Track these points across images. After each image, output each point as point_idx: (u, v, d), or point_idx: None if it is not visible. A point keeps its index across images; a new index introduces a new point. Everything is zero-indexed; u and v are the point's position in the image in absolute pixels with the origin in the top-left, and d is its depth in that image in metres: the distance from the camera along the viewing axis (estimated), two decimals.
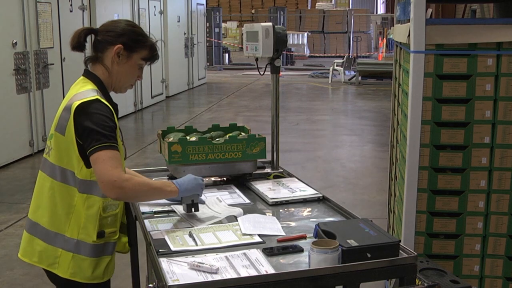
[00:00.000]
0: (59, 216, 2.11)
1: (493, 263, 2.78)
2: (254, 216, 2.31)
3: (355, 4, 31.54)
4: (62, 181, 2.10)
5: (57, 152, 2.10)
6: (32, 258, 2.18)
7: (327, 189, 5.82)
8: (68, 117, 2.04)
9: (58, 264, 2.12)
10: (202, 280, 1.75)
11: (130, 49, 2.16)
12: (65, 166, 2.09)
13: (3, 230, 4.90)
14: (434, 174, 2.73)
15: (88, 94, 2.06)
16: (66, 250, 2.11)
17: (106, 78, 2.18)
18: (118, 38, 2.14)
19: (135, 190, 2.01)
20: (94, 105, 2.02)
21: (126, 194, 1.99)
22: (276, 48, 2.87)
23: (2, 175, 6.58)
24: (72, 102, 2.04)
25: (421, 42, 2.60)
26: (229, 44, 23.20)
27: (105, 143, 1.97)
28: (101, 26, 2.20)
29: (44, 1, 7.57)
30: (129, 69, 2.19)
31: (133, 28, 2.20)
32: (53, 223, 2.12)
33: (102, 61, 2.16)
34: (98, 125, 1.98)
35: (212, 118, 10.25)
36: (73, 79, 2.25)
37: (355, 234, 1.94)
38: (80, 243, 2.11)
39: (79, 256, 2.11)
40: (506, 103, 2.64)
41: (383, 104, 11.78)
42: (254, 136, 2.77)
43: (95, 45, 2.18)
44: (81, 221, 2.10)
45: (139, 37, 2.19)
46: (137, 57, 2.18)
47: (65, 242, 2.11)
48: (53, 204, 2.12)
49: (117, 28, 2.16)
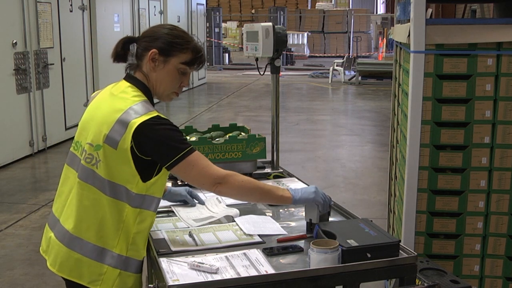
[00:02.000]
0: (108, 231, 1.97)
1: (493, 263, 2.77)
2: (251, 217, 2.31)
3: (355, 4, 31.54)
4: (112, 196, 1.96)
5: (106, 165, 1.95)
6: (71, 273, 2.02)
7: (327, 189, 5.82)
8: (123, 132, 1.91)
9: (102, 281, 1.98)
10: (202, 280, 1.75)
11: (166, 53, 2.02)
12: (117, 181, 1.95)
13: (3, 230, 4.90)
14: (434, 174, 2.73)
15: (146, 110, 1.95)
16: (113, 266, 1.98)
17: (147, 85, 2.07)
18: (153, 42, 2.02)
19: (241, 186, 1.99)
20: (156, 122, 1.93)
21: (231, 188, 1.98)
22: (276, 48, 2.87)
23: (2, 175, 6.58)
24: (131, 119, 1.91)
25: (421, 42, 2.60)
26: (229, 44, 23.20)
27: (184, 150, 1.91)
28: (143, 33, 2.10)
29: (44, 1, 7.57)
30: (167, 75, 2.05)
31: (170, 31, 2.05)
32: (100, 238, 1.98)
33: (141, 68, 2.06)
34: (170, 138, 1.92)
35: (212, 118, 10.25)
36: (73, 79, 2.22)
37: (355, 234, 1.95)
38: (129, 259, 2.00)
39: (126, 273, 2.00)
40: (506, 103, 2.64)
41: (383, 104, 11.78)
42: (254, 136, 2.77)
43: (136, 53, 2.07)
44: (130, 237, 1.98)
45: (176, 39, 2.03)
46: (175, 62, 2.03)
47: (112, 258, 1.98)
48: (101, 219, 1.97)
49: (155, 33, 2.05)
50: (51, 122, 7.76)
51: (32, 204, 5.53)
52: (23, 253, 4.40)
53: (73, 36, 8.38)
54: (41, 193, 5.89)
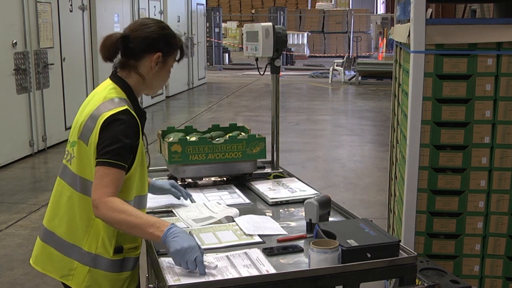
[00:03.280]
0: (78, 228, 2.02)
1: (493, 263, 2.78)
2: (250, 216, 2.31)
3: (355, 4, 31.54)
4: (82, 192, 2.00)
5: (79, 161, 2.00)
6: (44, 267, 2.10)
7: (327, 189, 5.82)
8: (93, 127, 1.95)
9: (72, 276, 2.03)
10: (202, 280, 1.75)
11: (167, 55, 2.08)
12: (87, 177, 1.98)
13: (3, 230, 4.90)
14: (434, 174, 2.73)
15: (118, 105, 1.97)
16: (82, 263, 2.02)
17: (139, 85, 2.08)
18: (154, 45, 2.04)
19: (109, 216, 1.86)
20: (120, 117, 1.93)
21: (100, 215, 1.88)
22: (276, 48, 2.87)
23: (2, 175, 6.58)
24: (100, 113, 1.95)
25: (421, 42, 2.60)
26: (229, 44, 23.20)
27: (110, 159, 1.89)
28: (131, 31, 2.05)
29: (44, 1, 7.57)
30: (165, 73, 2.12)
31: (165, 30, 2.08)
32: (71, 234, 2.03)
33: (136, 68, 2.05)
34: (115, 138, 1.90)
35: (212, 118, 10.25)
36: (73, 79, 2.23)
37: (355, 234, 1.95)
38: (98, 257, 2.01)
39: (96, 270, 2.02)
40: (506, 103, 2.64)
41: (383, 104, 11.78)
42: (254, 136, 2.77)
43: (127, 51, 2.03)
44: (99, 235, 2.00)
45: (173, 39, 2.09)
46: (171, 60, 2.12)
47: (82, 255, 2.02)
48: (71, 215, 2.03)
49: (151, 34, 2.03)
50: (51, 122, 7.76)
51: (32, 204, 5.53)
52: (23, 253, 4.40)
53: (73, 36, 8.37)
54: (41, 193, 5.89)
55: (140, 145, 2.03)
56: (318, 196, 2.27)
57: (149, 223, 1.86)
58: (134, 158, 1.98)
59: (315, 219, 2.14)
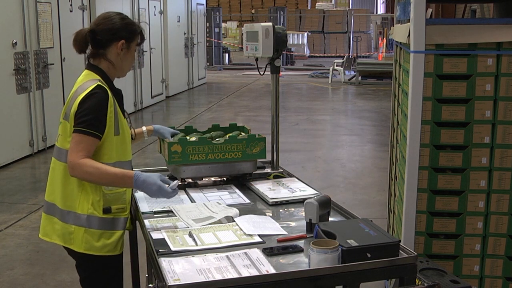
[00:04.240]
0: (70, 194, 2.30)
1: (493, 263, 2.78)
2: (250, 217, 2.32)
3: (355, 4, 31.54)
4: (65, 161, 2.25)
5: (63, 137, 2.32)
6: (52, 236, 2.37)
7: (327, 189, 5.82)
8: (72, 105, 2.27)
9: (73, 239, 2.30)
10: (202, 280, 1.75)
11: (129, 41, 2.39)
12: (68, 147, 2.24)
13: (3, 230, 4.90)
14: (434, 174, 2.73)
15: (91, 83, 2.28)
16: (78, 225, 2.29)
17: (110, 70, 2.40)
18: (118, 34, 2.35)
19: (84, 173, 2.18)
20: (94, 92, 2.24)
21: (76, 174, 2.20)
22: (276, 48, 2.87)
23: (2, 175, 6.58)
24: (78, 94, 2.26)
25: (421, 42, 2.60)
26: (229, 44, 23.20)
27: (85, 128, 2.19)
28: (96, 25, 2.37)
29: (44, 1, 7.57)
30: (130, 56, 2.43)
31: (125, 20, 2.40)
32: (66, 202, 2.31)
33: (105, 56, 2.37)
34: (90, 110, 2.21)
35: (212, 118, 10.25)
36: (73, 79, 2.32)
37: (355, 234, 1.95)
38: (90, 217, 2.28)
39: (90, 230, 2.29)
40: (506, 103, 2.64)
41: (383, 104, 11.78)
42: (254, 136, 2.77)
43: (95, 42, 2.36)
44: (89, 197, 2.28)
45: (133, 27, 2.41)
46: (134, 45, 2.43)
47: (76, 218, 2.29)
48: (64, 185, 2.31)
49: (114, 25, 2.36)
50: (51, 122, 7.75)
51: (32, 204, 5.53)
52: (23, 253, 4.40)
53: None
54: (41, 193, 5.89)
55: (116, 115, 2.30)
56: (318, 196, 2.27)
57: (117, 176, 2.23)
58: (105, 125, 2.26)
59: (315, 219, 2.14)
